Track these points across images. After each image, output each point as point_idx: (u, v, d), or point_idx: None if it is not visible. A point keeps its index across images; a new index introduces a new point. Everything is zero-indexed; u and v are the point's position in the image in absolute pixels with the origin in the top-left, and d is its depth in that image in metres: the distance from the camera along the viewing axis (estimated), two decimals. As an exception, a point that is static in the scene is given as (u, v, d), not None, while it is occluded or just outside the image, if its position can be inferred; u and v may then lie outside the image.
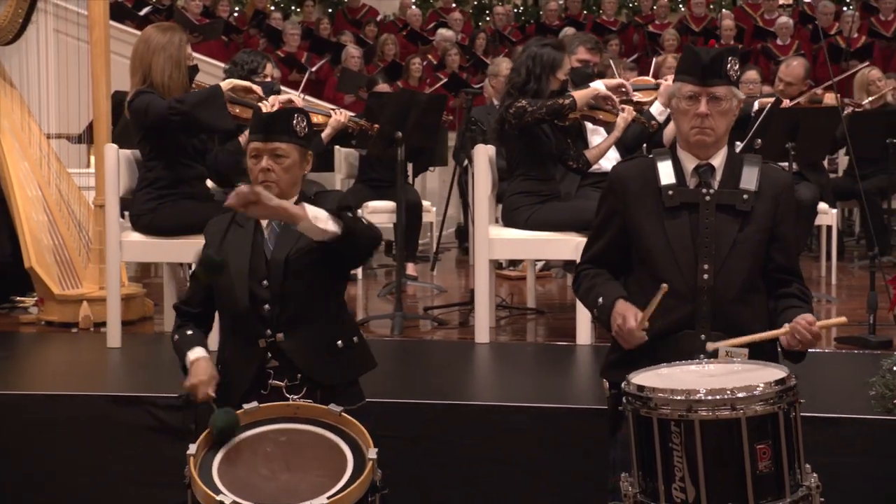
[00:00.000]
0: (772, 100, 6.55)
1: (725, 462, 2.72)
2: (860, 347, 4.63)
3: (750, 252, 3.11)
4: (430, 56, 11.87)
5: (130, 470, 3.93)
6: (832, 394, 3.94)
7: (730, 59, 3.13)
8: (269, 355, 3.19)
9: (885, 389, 3.62)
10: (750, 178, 3.14)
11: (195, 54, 5.25)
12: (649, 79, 5.78)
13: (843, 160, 7.93)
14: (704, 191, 3.12)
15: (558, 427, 3.70)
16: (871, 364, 4.19)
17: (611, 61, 5.85)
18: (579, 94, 4.97)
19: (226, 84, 4.73)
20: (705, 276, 3.08)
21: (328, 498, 2.85)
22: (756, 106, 7.13)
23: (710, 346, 2.99)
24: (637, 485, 2.85)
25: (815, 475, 2.82)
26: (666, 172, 3.16)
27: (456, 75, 10.63)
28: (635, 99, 5.28)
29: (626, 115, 5.13)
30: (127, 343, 4.91)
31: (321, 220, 3.01)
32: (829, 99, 6.82)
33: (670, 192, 3.13)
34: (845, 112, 6.70)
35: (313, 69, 10.93)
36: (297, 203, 3.09)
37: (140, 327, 5.43)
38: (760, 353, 3.03)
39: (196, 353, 3.22)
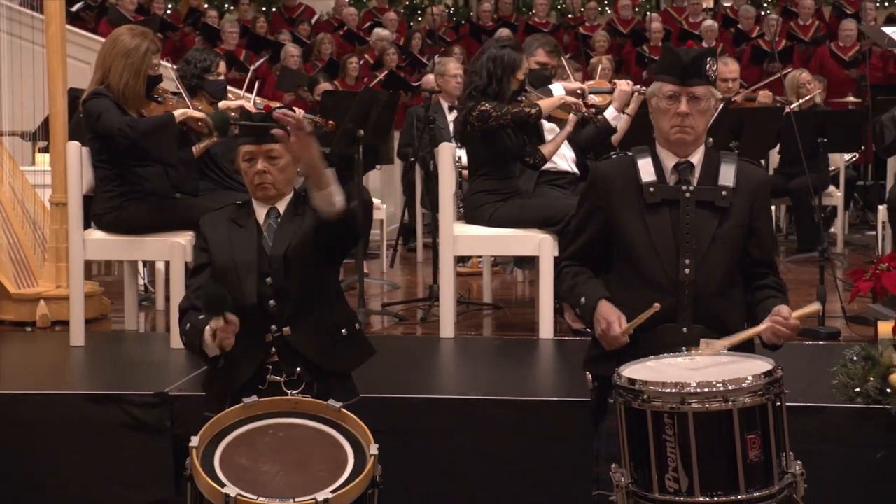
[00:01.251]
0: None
1: (717, 452, 2.76)
2: (811, 339, 4.70)
3: (729, 247, 3.14)
4: (366, 55, 11.80)
5: (107, 467, 3.86)
6: (793, 384, 3.97)
7: (708, 59, 3.16)
8: (274, 350, 3.16)
9: (848, 378, 3.68)
10: (727, 175, 3.17)
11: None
12: (605, 82, 5.81)
13: (774, 158, 8.07)
14: (684, 187, 3.15)
15: (540, 419, 3.70)
16: (825, 354, 4.28)
17: (563, 62, 5.86)
18: (545, 103, 4.99)
19: (179, 114, 4.62)
20: (686, 271, 3.10)
21: (332, 492, 2.84)
22: None
23: (705, 344, 3.00)
24: (629, 475, 2.86)
25: (798, 462, 2.87)
26: (646, 170, 3.18)
27: (394, 74, 10.58)
28: (590, 102, 5.30)
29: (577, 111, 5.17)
30: (90, 342, 4.79)
31: (335, 192, 3.03)
32: (764, 98, 6.93)
33: (651, 189, 3.15)
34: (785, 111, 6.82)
35: (253, 67, 10.80)
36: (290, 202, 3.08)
37: (99, 326, 5.30)
38: (738, 346, 3.06)
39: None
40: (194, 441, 2.93)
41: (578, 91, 5.19)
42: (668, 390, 2.77)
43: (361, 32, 12.84)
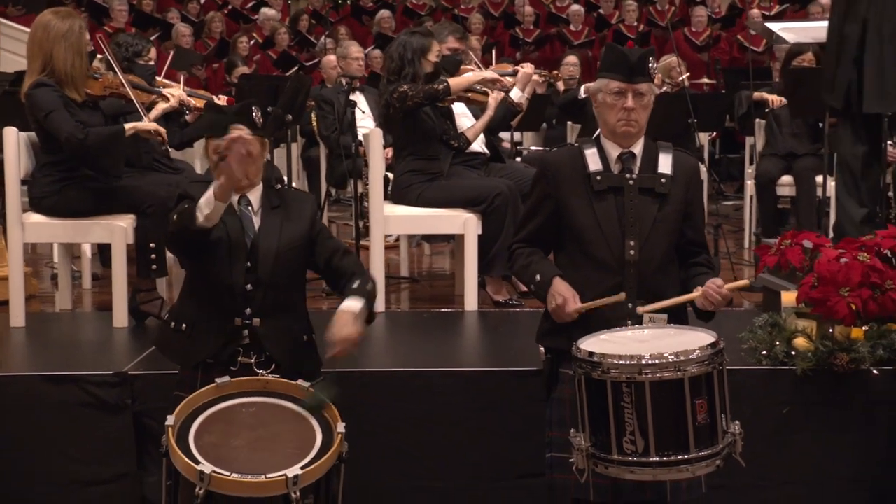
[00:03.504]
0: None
1: (670, 416, 2.88)
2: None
3: (668, 229, 3.26)
4: (255, 34, 11.61)
5: (69, 445, 3.78)
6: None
7: (650, 59, 3.28)
8: (245, 333, 3.15)
9: (756, 343, 3.89)
10: (666, 164, 3.30)
11: (20, 26, 4.96)
12: (507, 65, 5.92)
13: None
14: (628, 176, 3.25)
15: (485, 389, 3.76)
16: (726, 321, 4.47)
17: (468, 49, 5.94)
18: (454, 80, 5.07)
19: (129, 127, 4.53)
20: (631, 252, 3.22)
21: (302, 468, 2.85)
22: (582, 91, 7.39)
23: (640, 309, 3.14)
24: (588, 439, 2.97)
25: (737, 422, 3.00)
26: (593, 160, 3.27)
27: (287, 54, 10.46)
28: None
29: (495, 96, 5.26)
30: (30, 322, 4.64)
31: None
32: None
33: (598, 178, 3.25)
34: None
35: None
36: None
37: (29, 306, 5.12)
38: (673, 316, 3.21)
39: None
40: (170, 420, 2.92)
41: (491, 78, 5.28)
42: (625, 362, 2.88)
43: (246, 11, 12.63)
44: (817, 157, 6.82)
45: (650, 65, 3.26)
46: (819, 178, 6.67)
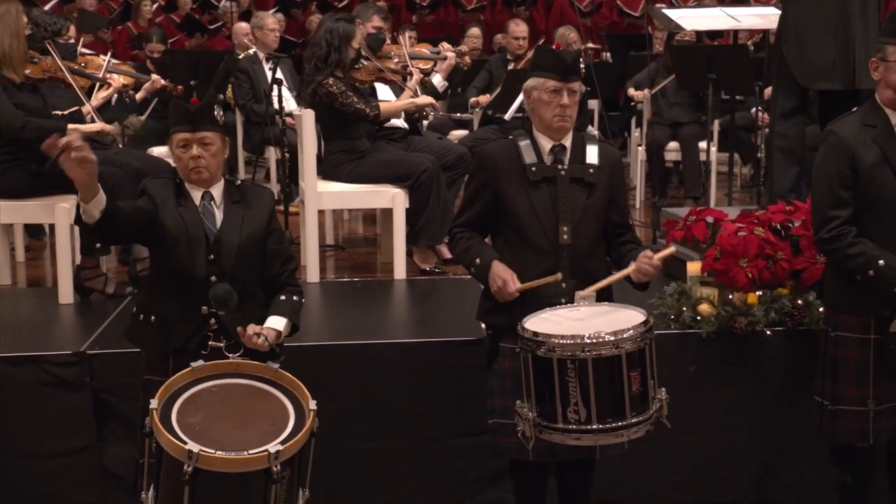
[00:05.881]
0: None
1: (609, 388, 3.04)
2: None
3: (596, 215, 3.38)
4: (157, -3, 11.27)
5: (30, 421, 3.75)
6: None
7: (581, 60, 3.39)
8: (213, 322, 3.15)
9: (666, 309, 4.08)
10: (592, 155, 3.41)
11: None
12: (425, 50, 5.94)
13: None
14: (560, 167, 3.36)
15: (428, 357, 3.85)
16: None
17: (400, 37, 5.96)
18: (385, 106, 5.17)
19: (72, 129, 4.40)
20: (565, 236, 3.32)
21: (282, 444, 2.90)
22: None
23: (582, 294, 3.25)
24: (534, 409, 3.11)
25: (663, 389, 3.19)
26: (528, 152, 3.36)
27: (190, 17, 10.19)
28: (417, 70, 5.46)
29: (416, 78, 5.30)
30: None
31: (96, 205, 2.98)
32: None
33: (533, 169, 3.34)
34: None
35: (47, 7, 10.07)
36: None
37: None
38: (603, 295, 3.35)
39: None
40: (154, 403, 2.93)
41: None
42: (568, 341, 3.03)
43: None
44: (699, 124, 7.10)
45: (581, 65, 3.37)
46: (702, 144, 6.95)
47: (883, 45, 3.38)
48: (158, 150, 6.48)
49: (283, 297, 3.23)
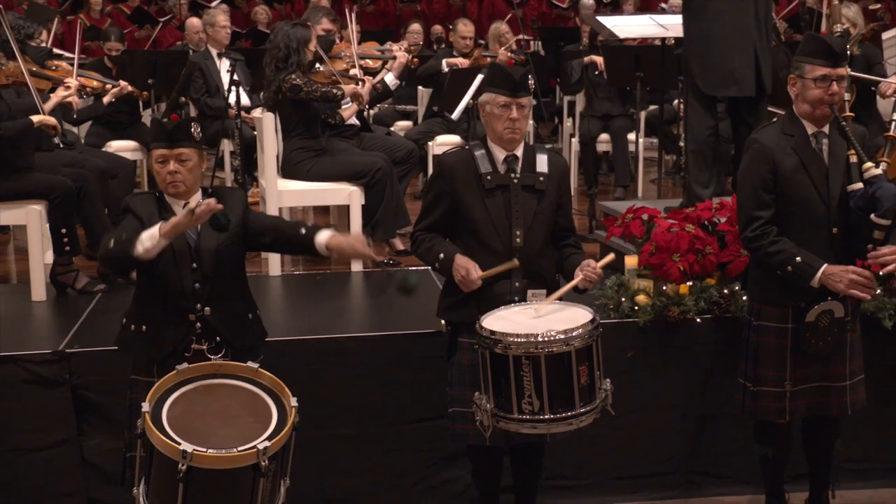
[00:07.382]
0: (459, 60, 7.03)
1: (560, 381, 3.20)
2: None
3: (546, 219, 3.53)
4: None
5: (11, 417, 3.80)
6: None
7: (529, 77, 3.52)
8: (198, 325, 3.23)
9: (606, 300, 4.26)
10: (542, 164, 3.55)
11: None
12: (374, 50, 6.01)
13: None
14: (513, 175, 3.50)
15: (390, 349, 3.97)
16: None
17: (353, 48, 6.02)
18: (348, 88, 5.25)
19: (36, 119, 4.41)
20: (518, 240, 3.47)
21: (269, 440, 2.98)
22: (444, 66, 7.53)
23: (539, 306, 3.38)
24: (491, 401, 3.26)
25: (608, 380, 3.36)
26: (483, 162, 3.50)
27: (140, 9, 10.05)
28: (366, 67, 5.55)
29: (368, 85, 5.40)
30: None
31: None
32: (502, 56, 7.33)
33: (488, 178, 3.48)
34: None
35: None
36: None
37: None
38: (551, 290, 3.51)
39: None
40: (145, 406, 2.98)
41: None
42: (523, 339, 3.18)
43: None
44: (628, 117, 7.30)
45: (529, 81, 3.51)
46: (631, 136, 7.16)
47: (800, 64, 3.56)
48: (116, 146, 6.49)
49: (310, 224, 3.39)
